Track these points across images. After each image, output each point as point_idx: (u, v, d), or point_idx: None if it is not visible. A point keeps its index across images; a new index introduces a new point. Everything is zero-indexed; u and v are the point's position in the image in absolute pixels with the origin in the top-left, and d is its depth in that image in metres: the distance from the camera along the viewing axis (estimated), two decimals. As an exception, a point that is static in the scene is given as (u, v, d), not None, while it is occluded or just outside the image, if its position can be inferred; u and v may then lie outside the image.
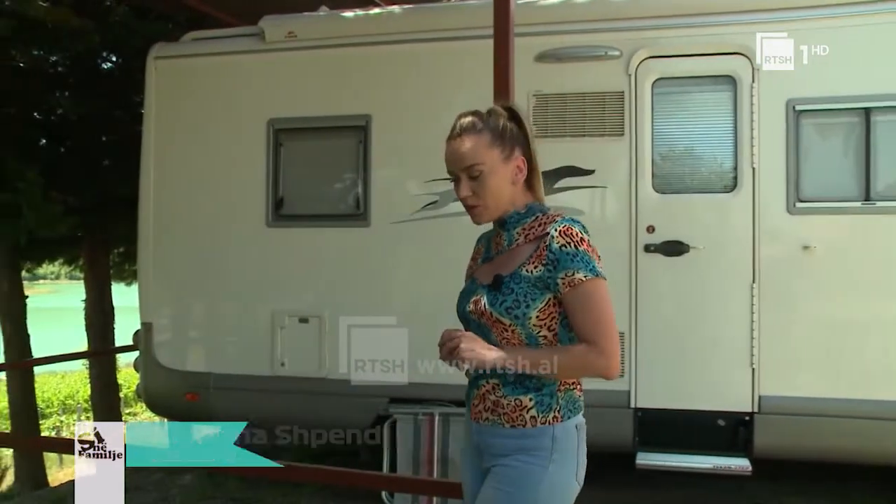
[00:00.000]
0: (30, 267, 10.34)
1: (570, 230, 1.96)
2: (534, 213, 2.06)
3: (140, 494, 5.80)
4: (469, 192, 2.03)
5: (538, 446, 1.97)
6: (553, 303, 1.97)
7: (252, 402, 5.08)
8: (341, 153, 5.01)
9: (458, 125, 2.07)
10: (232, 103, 5.28)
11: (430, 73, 4.88)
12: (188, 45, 5.51)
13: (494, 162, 2.02)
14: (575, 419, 2.03)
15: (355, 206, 4.97)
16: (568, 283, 1.93)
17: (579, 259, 1.93)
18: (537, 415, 1.98)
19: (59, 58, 8.22)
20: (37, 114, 8.28)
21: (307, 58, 5.09)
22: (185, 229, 5.42)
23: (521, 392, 1.99)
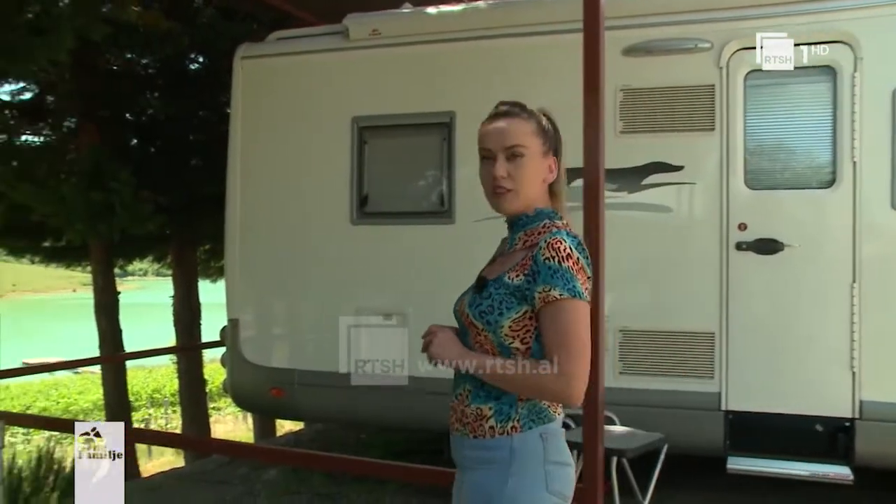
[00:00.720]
0: (122, 264, 10.75)
1: (559, 244, 1.85)
2: (541, 219, 1.97)
3: (226, 488, 5.95)
4: (505, 173, 1.93)
5: (496, 458, 1.89)
6: (529, 315, 1.88)
7: (336, 399, 5.15)
8: (425, 150, 5.04)
9: (500, 108, 2.01)
10: (316, 102, 5.36)
11: (515, 68, 4.86)
12: (273, 45, 5.62)
13: (535, 150, 1.96)
14: (539, 428, 1.90)
15: (439, 204, 4.98)
16: (543, 298, 1.83)
17: (559, 276, 1.83)
18: (496, 425, 1.89)
19: (150, 60, 8.52)
20: (128, 115, 8.60)
21: (391, 55, 5.13)
22: (270, 227, 5.53)
23: (483, 401, 1.91)
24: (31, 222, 8.52)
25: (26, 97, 8.30)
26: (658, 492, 3.97)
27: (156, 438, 10.72)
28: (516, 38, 4.88)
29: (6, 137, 7.71)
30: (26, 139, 8.38)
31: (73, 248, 9.46)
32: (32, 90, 8.22)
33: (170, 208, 7.88)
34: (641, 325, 4.61)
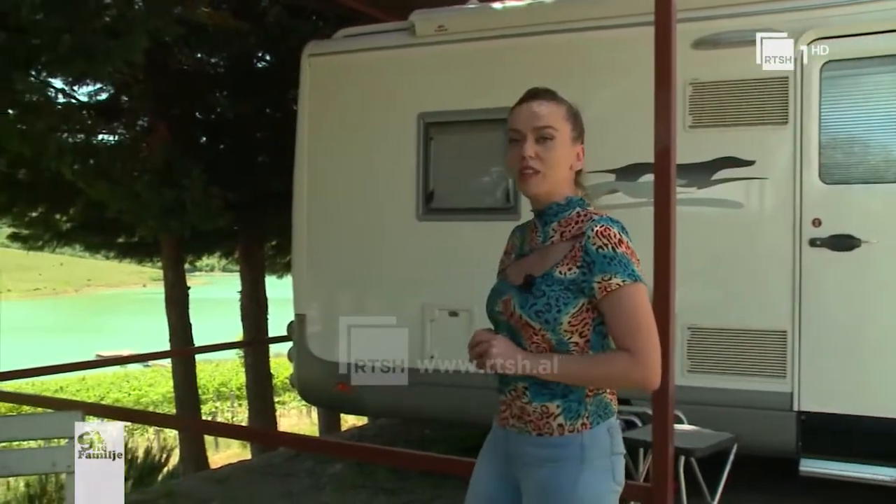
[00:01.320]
0: (191, 259, 11.02)
1: (609, 231, 1.85)
2: (573, 207, 1.96)
3: (293, 481, 6.06)
4: (533, 154, 1.91)
5: (567, 456, 1.88)
6: (587, 308, 1.87)
7: (401, 394, 5.20)
8: (491, 146, 5.04)
9: (533, 90, 2.00)
10: (383, 98, 5.42)
11: (582, 63, 4.84)
12: (340, 42, 5.70)
13: (565, 135, 1.95)
14: (606, 423, 1.93)
15: (505, 199, 4.99)
16: (604, 287, 1.82)
17: (617, 262, 1.82)
18: (565, 422, 1.89)
19: (219, 60, 8.72)
20: (198, 114, 8.81)
21: (457, 51, 5.15)
22: (337, 223, 5.61)
23: (548, 398, 1.89)
24: (106, 219, 8.82)
25: (102, 98, 8.58)
26: (727, 493, 3.91)
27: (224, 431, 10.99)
28: (583, 32, 4.86)
29: (84, 137, 7.97)
30: (102, 138, 8.66)
31: (145, 243, 9.75)
32: (108, 91, 8.49)
33: (238, 205, 8.05)
34: (710, 323, 4.55)
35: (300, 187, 5.70)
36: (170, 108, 8.26)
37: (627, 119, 4.67)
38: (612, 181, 4.73)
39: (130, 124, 8.61)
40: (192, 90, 8.21)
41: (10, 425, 3.64)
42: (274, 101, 8.60)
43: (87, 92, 8.66)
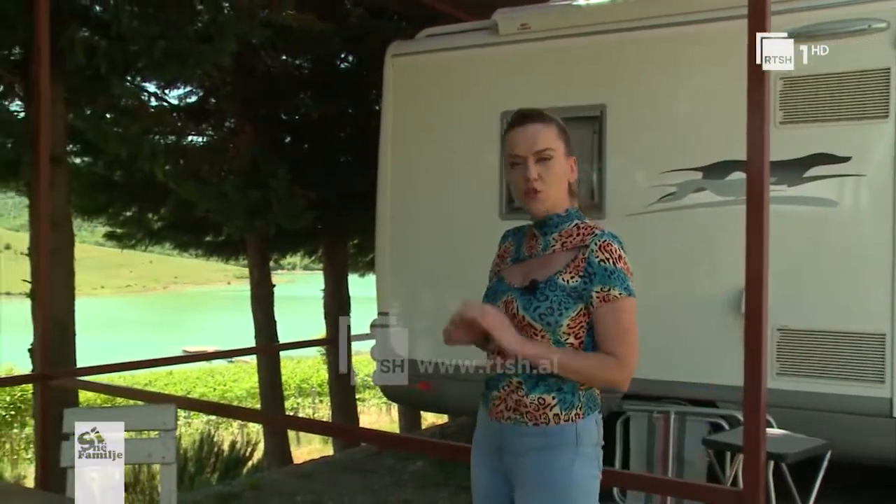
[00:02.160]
0: (276, 258, 11.28)
1: (610, 246, 2.04)
2: (572, 220, 2.14)
3: (374, 477, 6.14)
4: (537, 175, 2.07)
5: (562, 443, 2.04)
6: (584, 313, 2.05)
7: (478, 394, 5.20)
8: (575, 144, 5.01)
9: (524, 113, 2.15)
10: (466, 97, 5.44)
11: (668, 59, 4.77)
12: (423, 42, 5.74)
13: (560, 152, 2.11)
14: (595, 415, 2.11)
15: (589, 198, 4.95)
16: (602, 297, 2.02)
17: (616, 276, 2.02)
18: (560, 412, 2.05)
19: (303, 61, 8.89)
20: (283, 115, 9.01)
21: (541, 49, 5.14)
22: (420, 222, 5.66)
23: (544, 391, 2.05)
24: (195, 218, 9.12)
25: (192, 100, 8.85)
26: (819, 501, 3.80)
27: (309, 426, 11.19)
28: (669, 28, 4.79)
29: (174, 139, 8.25)
30: (192, 140, 8.95)
31: (232, 242, 10.03)
32: (197, 94, 8.75)
33: (321, 204, 8.20)
34: (802, 324, 4.42)
35: (383, 187, 5.76)
36: (255, 109, 8.47)
37: (714, 116, 4.59)
38: (698, 179, 4.65)
39: (218, 126, 8.86)
40: (278, 92, 8.40)
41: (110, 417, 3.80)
42: (357, 102, 8.72)
43: (177, 95, 8.98)
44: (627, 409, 4.75)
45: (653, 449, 4.65)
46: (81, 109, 7.08)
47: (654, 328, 4.67)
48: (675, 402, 4.65)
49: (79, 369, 6.02)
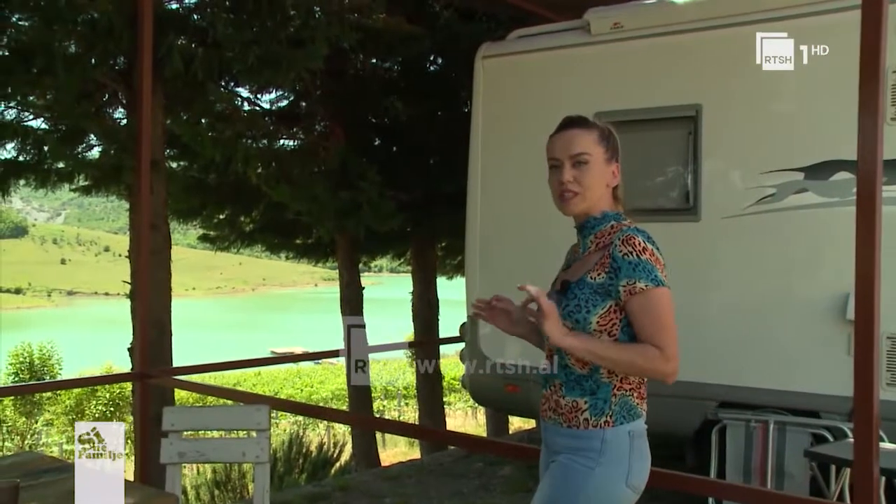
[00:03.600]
0: (365, 260, 11.44)
1: (633, 239, 2.06)
2: (608, 221, 2.19)
3: (463, 481, 6.17)
4: (571, 178, 2.14)
5: (587, 447, 2.08)
6: (614, 309, 2.07)
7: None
8: (669, 145, 4.94)
9: (567, 119, 2.22)
10: (558, 98, 5.40)
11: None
12: (514, 43, 5.73)
13: (598, 158, 2.16)
14: (629, 425, 2.10)
15: (684, 200, 4.87)
16: (629, 290, 2.04)
17: (641, 268, 2.03)
18: (590, 417, 2.10)
19: (392, 64, 9.00)
20: (372, 117, 9.13)
21: (634, 48, 5.07)
22: (510, 224, 5.65)
23: (578, 394, 2.11)
24: (285, 221, 9.33)
25: (283, 104, 9.06)
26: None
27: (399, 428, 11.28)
28: (769, 23, 4.64)
29: (266, 142, 8.46)
30: (283, 143, 9.16)
31: (322, 244, 10.22)
32: (288, 98, 8.95)
33: (410, 206, 8.28)
34: (915, 333, 4.23)
35: (473, 189, 5.78)
36: (345, 112, 8.60)
37: (818, 114, 4.44)
38: (800, 180, 4.51)
39: (309, 129, 9.03)
40: (367, 95, 8.51)
41: (206, 416, 3.93)
42: (446, 104, 8.77)
43: (269, 99, 9.22)
44: (723, 418, 4.64)
45: (750, 459, 4.53)
46: (178, 115, 7.34)
47: (751, 334, 4.60)
48: (774, 411, 4.51)
49: (175, 368, 6.24)
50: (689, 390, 4.66)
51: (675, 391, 4.66)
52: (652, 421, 4.97)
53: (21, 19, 6.37)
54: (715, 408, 4.68)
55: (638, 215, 5.03)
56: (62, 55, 5.79)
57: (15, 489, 2.34)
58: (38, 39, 5.81)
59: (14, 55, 6.10)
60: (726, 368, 4.65)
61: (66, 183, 8.14)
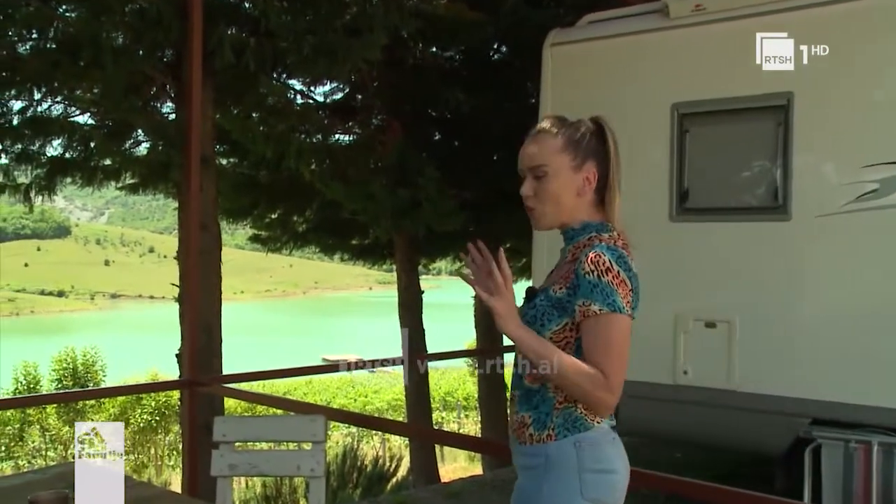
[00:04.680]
0: (424, 262, 11.48)
1: (600, 258, 2.01)
2: (588, 231, 2.14)
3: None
4: (531, 192, 2.15)
5: (534, 464, 2.10)
6: (570, 327, 2.06)
7: (649, 412, 5.12)
8: (757, 137, 4.86)
9: (536, 127, 2.20)
10: (632, 88, 5.36)
11: (865, 37, 4.53)
12: (585, 30, 5.70)
13: (560, 167, 2.13)
14: (573, 437, 2.07)
15: (773, 198, 4.78)
16: (583, 312, 2.01)
17: (599, 290, 1.99)
18: (534, 433, 2.10)
19: (454, 53, 9.02)
20: (431, 110, 9.17)
21: (717, 32, 5.00)
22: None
23: (526, 409, 2.13)
24: (340, 220, 9.42)
25: (337, 97, 9.16)
26: None
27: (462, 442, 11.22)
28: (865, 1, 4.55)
29: (320, 137, 8.56)
30: (337, 138, 9.26)
31: (379, 245, 10.30)
32: (343, 90, 9.05)
33: (473, 204, 8.28)
34: None
35: (538, 185, 5.75)
36: (403, 105, 8.65)
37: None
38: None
39: (365, 123, 9.12)
40: (427, 86, 8.54)
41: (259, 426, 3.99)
42: (511, 95, 8.75)
43: (322, 92, 9.32)
44: (818, 437, 4.54)
45: (851, 484, 4.42)
46: (228, 109, 7.47)
47: (850, 345, 4.51)
48: (880, 431, 4.39)
49: (226, 376, 6.33)
50: (779, 405, 4.60)
51: (762, 406, 4.63)
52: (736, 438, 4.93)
53: (68, 11, 6.57)
54: (808, 425, 4.59)
55: (724, 214, 5.03)
56: (110, 47, 5.94)
57: (64, 500, 2.41)
58: (85, 31, 5.98)
59: (61, 48, 6.29)
60: (821, 382, 4.56)
61: (112, 181, 8.37)
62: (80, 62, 6.07)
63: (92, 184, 8.09)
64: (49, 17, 6.17)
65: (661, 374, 5.09)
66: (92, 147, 7.44)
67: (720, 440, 5.20)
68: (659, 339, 5.10)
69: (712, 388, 4.90)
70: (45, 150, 7.64)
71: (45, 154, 7.68)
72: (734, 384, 4.79)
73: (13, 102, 7.11)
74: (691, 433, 5.29)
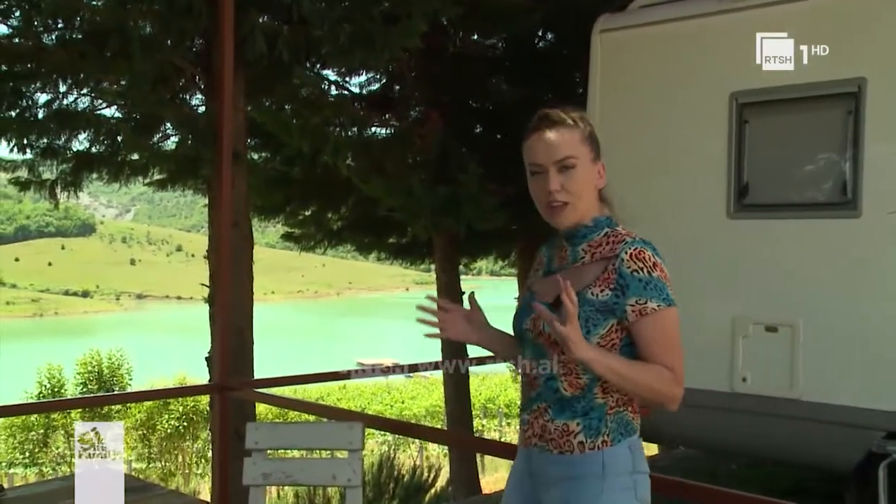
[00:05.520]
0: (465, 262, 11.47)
1: (643, 254, 2.07)
2: (601, 229, 2.20)
3: None
4: (559, 187, 2.12)
5: (587, 474, 2.10)
6: (616, 329, 2.08)
7: (705, 422, 5.07)
8: (823, 128, 4.78)
9: (545, 117, 2.17)
10: (687, 76, 5.30)
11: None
12: (637, 14, 5.65)
13: (585, 159, 2.16)
14: (627, 441, 2.13)
15: (841, 193, 4.69)
16: (639, 311, 2.05)
17: (652, 287, 2.05)
18: (585, 440, 2.11)
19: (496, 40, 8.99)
20: (473, 102, 9.15)
21: (780, 15, 4.92)
22: (631, 222, 5.56)
23: (569, 416, 2.13)
24: (376, 217, 9.43)
25: (373, 88, 9.19)
26: None
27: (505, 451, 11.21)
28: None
29: (356, 130, 8.58)
30: (374, 131, 9.27)
31: (418, 244, 10.30)
32: (380, 80, 9.07)
33: (516, 201, 8.24)
34: None
35: (589, 181, 5.71)
36: (443, 96, 8.64)
37: None
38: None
39: (403, 115, 9.12)
40: (468, 76, 8.53)
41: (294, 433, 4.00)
42: (557, 85, 8.70)
43: (358, 83, 9.34)
44: (893, 451, 4.45)
45: (930, 503, 4.33)
46: (260, 101, 7.51)
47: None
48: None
49: (259, 380, 6.36)
50: (848, 416, 4.51)
51: (829, 417, 4.54)
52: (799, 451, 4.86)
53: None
54: (882, 439, 4.49)
55: (786, 210, 4.96)
56: (137, 36, 6.00)
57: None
58: (111, 20, 6.04)
59: (87, 38, 6.37)
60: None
61: (139, 176, 8.47)
62: (107, 53, 6.13)
63: (119, 179, 8.19)
64: (75, 5, 6.23)
65: (717, 382, 5.02)
66: (119, 141, 7.53)
67: (781, 453, 5.13)
68: (715, 343, 5.04)
69: (773, 397, 4.82)
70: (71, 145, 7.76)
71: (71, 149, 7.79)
72: (797, 393, 4.71)
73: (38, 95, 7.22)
74: (749, 445, 5.22)
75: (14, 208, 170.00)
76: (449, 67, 8.54)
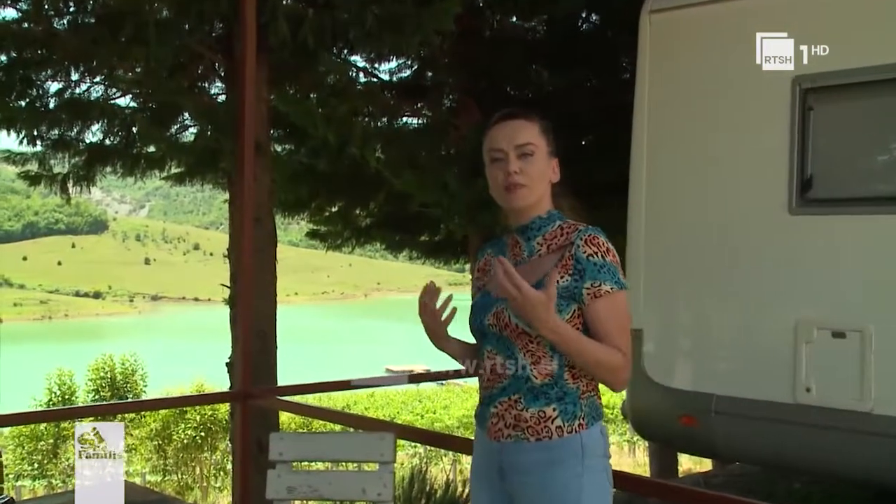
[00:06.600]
0: (502, 259, 11.44)
1: (597, 239, 2.38)
2: (554, 221, 2.48)
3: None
4: (518, 169, 2.40)
5: (567, 456, 2.34)
6: (577, 314, 2.35)
7: (764, 435, 5.04)
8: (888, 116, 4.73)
9: (507, 111, 2.51)
10: (745, 60, 5.23)
11: None
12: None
13: (542, 150, 2.47)
14: (598, 425, 2.41)
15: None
16: (594, 293, 2.32)
17: (606, 270, 2.33)
18: (563, 424, 2.35)
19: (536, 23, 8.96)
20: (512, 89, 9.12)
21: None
22: (683, 218, 5.53)
23: (544, 403, 2.36)
24: (407, 214, 9.42)
25: (404, 75, 9.17)
26: None
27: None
28: None
29: (386, 120, 8.58)
30: (406, 121, 9.27)
31: (452, 242, 10.28)
32: (411, 66, 9.06)
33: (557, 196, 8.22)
34: None
35: (637, 175, 5.68)
36: (479, 83, 8.62)
37: None
38: None
39: (436, 104, 9.11)
40: (506, 62, 8.49)
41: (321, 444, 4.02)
42: (602, 71, 8.66)
43: (388, 69, 9.34)
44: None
45: None
46: (284, 90, 7.53)
47: None
48: None
49: (283, 387, 6.37)
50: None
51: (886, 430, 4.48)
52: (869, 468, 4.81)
53: (109, -17, 6.70)
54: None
55: (855, 206, 4.90)
56: (153, 21, 6.03)
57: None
58: (126, 3, 6.09)
59: (100, 23, 6.42)
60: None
61: (156, 170, 8.53)
62: (122, 38, 6.18)
63: (134, 173, 8.26)
64: (88, -11, 6.31)
65: (778, 392, 4.97)
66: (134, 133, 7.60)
67: (849, 471, 5.07)
68: (777, 350, 4.99)
69: (841, 409, 4.76)
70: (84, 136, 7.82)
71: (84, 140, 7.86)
72: (868, 405, 4.65)
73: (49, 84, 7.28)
74: (813, 461, 5.17)
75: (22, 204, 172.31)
76: (485, 52, 8.50)
